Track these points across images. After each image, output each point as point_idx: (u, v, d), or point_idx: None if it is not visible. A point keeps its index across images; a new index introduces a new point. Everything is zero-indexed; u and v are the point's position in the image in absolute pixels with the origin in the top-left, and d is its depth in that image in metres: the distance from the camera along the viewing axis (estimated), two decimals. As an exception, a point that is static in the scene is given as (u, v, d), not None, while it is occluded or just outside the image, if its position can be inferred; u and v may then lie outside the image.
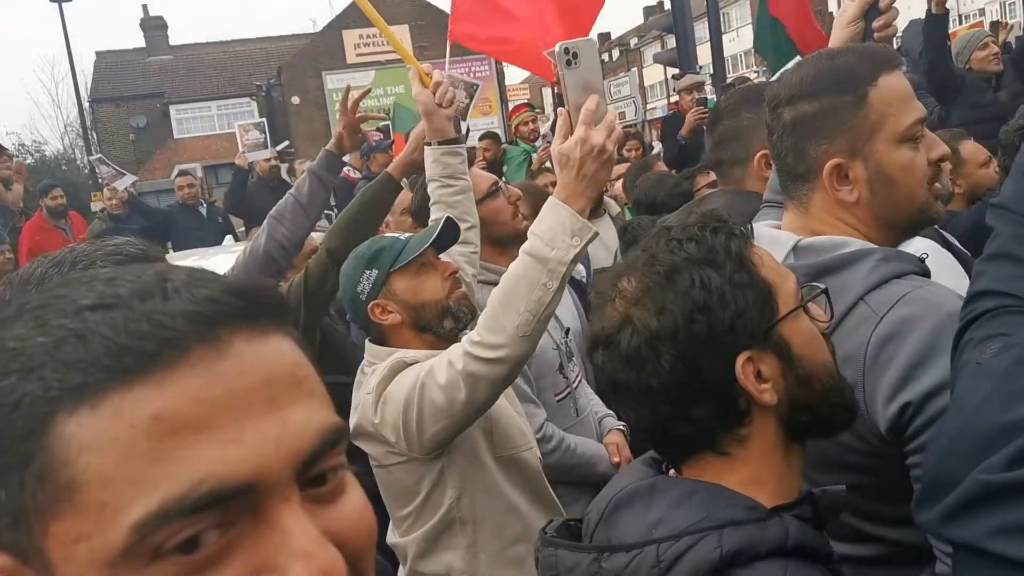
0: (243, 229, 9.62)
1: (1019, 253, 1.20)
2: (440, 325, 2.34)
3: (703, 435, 1.24)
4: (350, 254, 2.43)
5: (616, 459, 2.94)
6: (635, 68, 48.90)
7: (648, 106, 45.56)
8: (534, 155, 8.10)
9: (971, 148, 3.73)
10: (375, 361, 2.29)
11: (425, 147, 2.80)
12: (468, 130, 8.55)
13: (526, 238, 3.08)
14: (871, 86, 1.56)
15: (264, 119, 9.52)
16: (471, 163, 8.24)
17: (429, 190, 2.79)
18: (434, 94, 2.75)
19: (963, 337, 1.22)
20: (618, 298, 1.26)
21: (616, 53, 67.71)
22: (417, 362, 2.18)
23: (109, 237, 1.53)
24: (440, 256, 2.45)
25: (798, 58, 2.24)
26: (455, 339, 2.29)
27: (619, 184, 6.12)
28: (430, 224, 2.54)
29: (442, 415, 2.06)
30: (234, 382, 0.58)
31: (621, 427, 3.04)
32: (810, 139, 1.59)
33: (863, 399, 1.44)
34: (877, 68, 1.57)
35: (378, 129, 20.16)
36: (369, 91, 4.64)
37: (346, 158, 11.84)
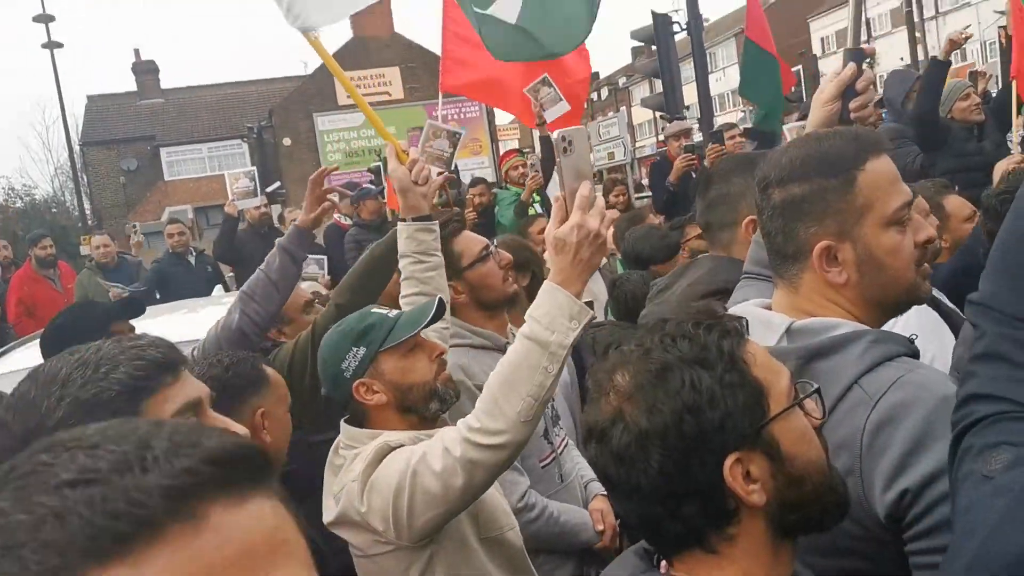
0: (231, 275, 9.59)
1: (1009, 354, 1.19)
2: (426, 407, 2.26)
3: (692, 533, 1.24)
4: (332, 329, 2.34)
5: (600, 527, 2.90)
6: (624, 107, 49.43)
7: (636, 144, 45.89)
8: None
9: (956, 203, 3.75)
10: (354, 444, 2.21)
11: (399, 223, 2.79)
12: (457, 168, 8.60)
13: (515, 303, 3.10)
14: (859, 170, 1.57)
15: (254, 167, 9.48)
16: (462, 208, 8.30)
17: (401, 265, 2.77)
18: (410, 171, 2.76)
19: (961, 443, 1.20)
20: (612, 392, 1.27)
21: (605, 92, 68.42)
22: (402, 445, 2.11)
23: (136, 338, 1.55)
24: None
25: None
26: (438, 421, 2.27)
27: (609, 234, 6.13)
28: (420, 304, 2.49)
29: (437, 502, 2.00)
30: (212, 556, 0.58)
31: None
32: (799, 221, 1.60)
33: (860, 485, 1.43)
34: (864, 152, 1.59)
35: (369, 170, 20.29)
36: (337, 168, 4.96)
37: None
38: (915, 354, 1.56)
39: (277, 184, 21.05)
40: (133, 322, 3.31)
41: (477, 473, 1.96)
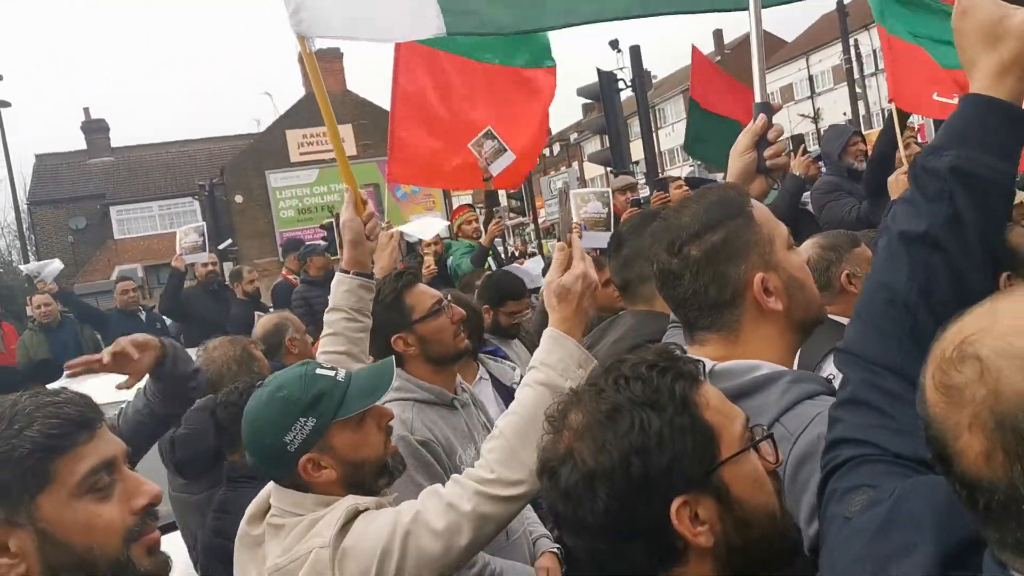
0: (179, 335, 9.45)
1: (872, 400, 1.25)
2: (375, 483, 2.07)
3: (638, 572, 1.25)
4: (267, 394, 2.04)
5: None
6: (575, 162, 50.11)
7: (589, 198, 46.25)
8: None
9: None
10: (296, 512, 1.98)
11: (338, 274, 2.74)
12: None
13: (464, 358, 3.10)
14: (749, 207, 1.69)
15: (203, 223, 9.46)
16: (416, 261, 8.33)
17: (330, 319, 2.69)
18: (364, 224, 2.74)
19: (827, 486, 1.25)
20: (565, 430, 1.28)
21: (556, 148, 69.32)
22: (369, 509, 1.95)
23: (55, 393, 1.53)
24: None
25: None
26: (383, 495, 2.10)
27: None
28: (372, 367, 2.33)
29: (432, 565, 1.86)
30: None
31: (555, 549, 2.97)
32: (728, 264, 1.66)
33: (784, 518, 1.46)
34: (743, 194, 1.74)
35: (321, 226, 20.20)
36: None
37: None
38: (832, 392, 1.62)
39: (229, 241, 20.88)
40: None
41: (487, 528, 1.87)
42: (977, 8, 1.22)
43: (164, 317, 9.08)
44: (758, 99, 2.39)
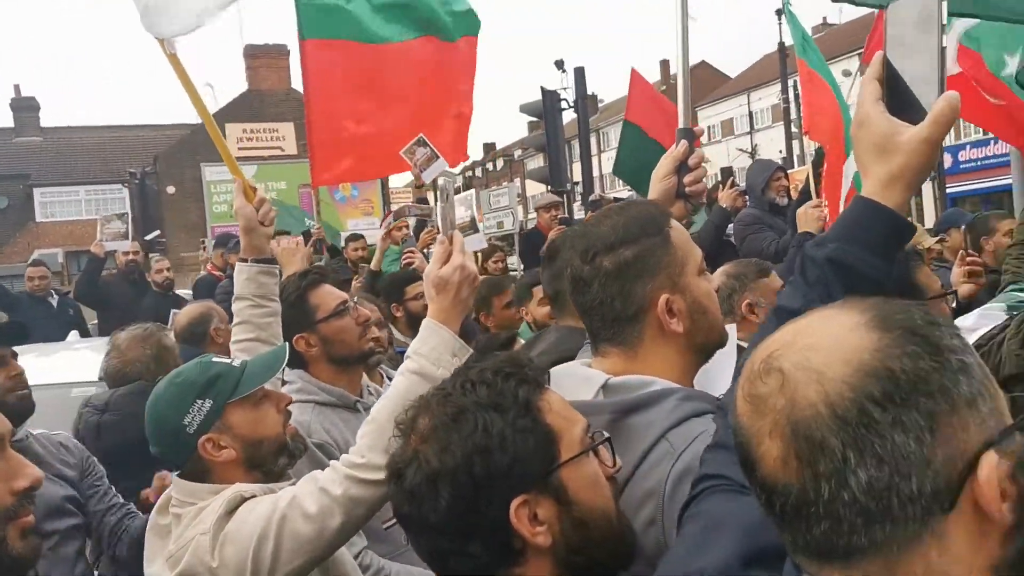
0: (95, 323, 9.20)
1: (731, 443, 1.33)
2: (275, 462, 2.15)
3: (479, 570, 1.29)
4: (165, 382, 2.15)
5: None
6: (517, 178, 50.37)
7: (529, 215, 46.72)
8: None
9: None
10: (191, 500, 2.04)
11: (238, 263, 2.74)
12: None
13: (368, 360, 3.09)
14: (668, 228, 1.72)
15: (128, 212, 9.25)
16: (344, 264, 8.27)
17: (236, 308, 2.70)
18: (257, 210, 2.73)
19: (685, 513, 1.34)
20: (413, 433, 1.33)
21: (500, 163, 69.66)
22: (255, 496, 2.00)
23: None
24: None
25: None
26: (284, 477, 2.17)
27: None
28: (265, 352, 2.40)
29: (307, 548, 1.90)
30: None
31: None
32: (636, 280, 1.68)
33: (662, 532, 1.49)
34: (664, 214, 1.76)
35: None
36: None
37: (209, 253, 11.52)
38: (723, 411, 1.66)
39: (157, 232, 20.44)
40: None
41: (358, 511, 1.92)
42: (872, 122, 1.34)
43: (78, 303, 8.82)
44: (681, 124, 2.44)
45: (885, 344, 0.88)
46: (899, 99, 1.35)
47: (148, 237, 17.82)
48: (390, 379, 3.75)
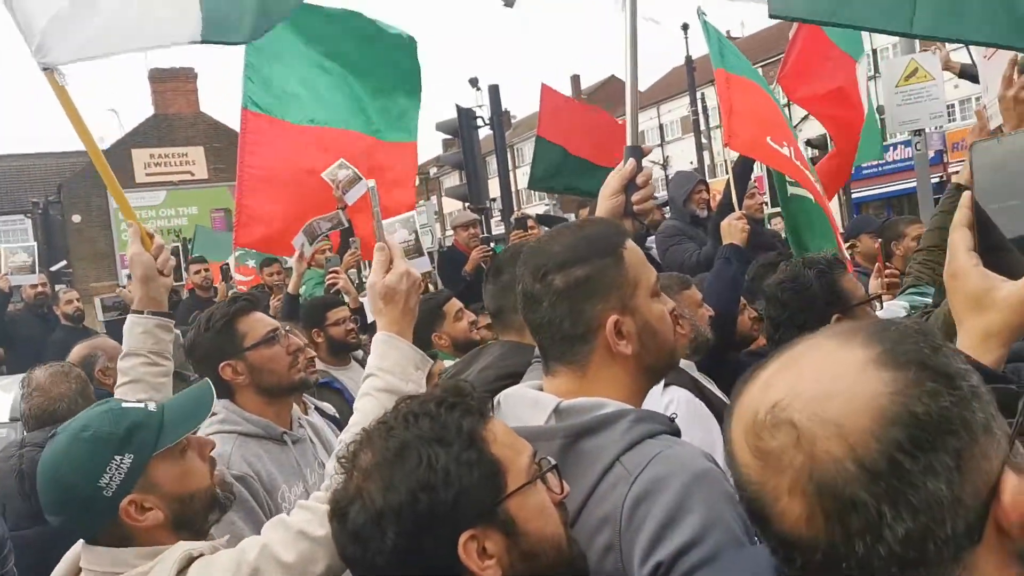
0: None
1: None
2: (206, 519, 1.91)
3: None
4: (68, 438, 1.82)
5: None
6: (434, 196, 50.30)
7: (446, 232, 46.69)
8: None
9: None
10: (116, 571, 1.77)
11: (131, 316, 2.57)
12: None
13: (297, 391, 2.99)
14: (623, 248, 1.70)
15: (34, 243, 8.89)
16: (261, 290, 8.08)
17: (125, 365, 2.52)
18: (155, 258, 2.59)
19: None
20: (355, 470, 1.29)
21: (416, 181, 69.42)
22: (203, 555, 1.77)
23: None
24: None
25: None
26: (208, 535, 1.94)
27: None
28: (186, 391, 2.13)
29: None
30: None
31: None
32: (586, 300, 1.66)
33: (620, 559, 1.47)
34: (620, 234, 1.75)
35: (173, 254, 19.23)
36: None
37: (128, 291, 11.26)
38: (676, 432, 1.66)
39: (63, 263, 19.68)
40: None
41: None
42: (967, 276, 1.32)
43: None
44: (629, 142, 2.45)
45: (902, 385, 0.84)
46: (989, 240, 1.32)
47: (54, 268, 17.15)
48: (317, 409, 3.68)
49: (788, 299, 3.02)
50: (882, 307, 3.79)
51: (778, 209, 7.54)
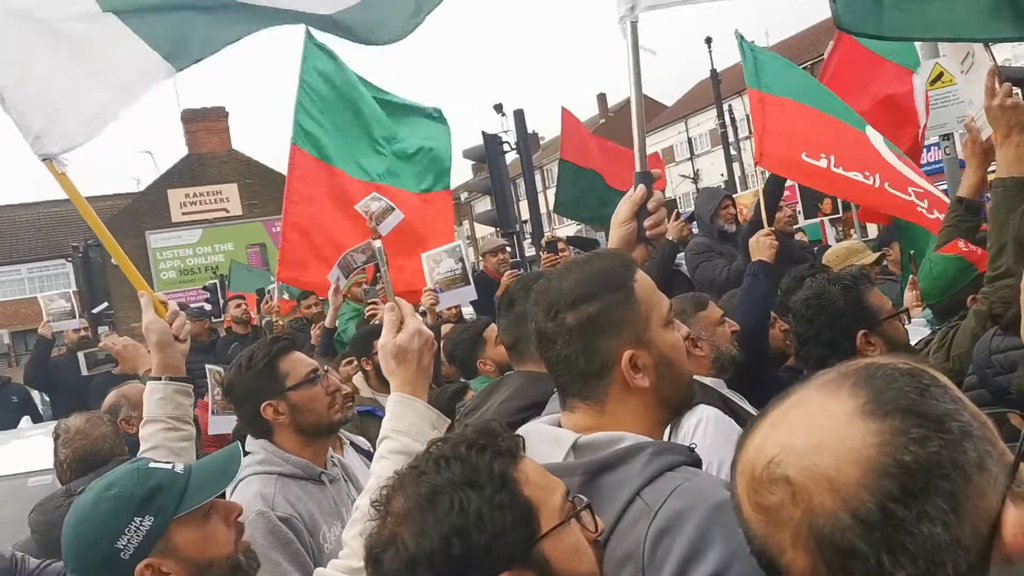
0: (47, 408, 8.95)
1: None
2: None
3: None
4: (94, 495, 1.82)
5: None
6: (466, 221, 50.52)
7: (478, 258, 46.75)
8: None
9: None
10: None
11: (149, 382, 2.57)
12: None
13: (335, 430, 3.01)
14: (633, 281, 1.69)
15: (71, 289, 9.08)
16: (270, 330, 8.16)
17: (146, 432, 2.50)
18: (170, 324, 2.60)
19: None
20: (388, 516, 1.28)
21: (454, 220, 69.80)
22: None
23: None
24: None
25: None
26: None
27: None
28: (215, 454, 2.11)
29: None
30: None
31: None
32: (599, 337, 1.66)
33: (646, 596, 1.46)
34: (629, 267, 1.73)
35: (204, 288, 19.49)
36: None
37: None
38: (696, 462, 1.64)
39: (104, 305, 19.96)
40: None
41: None
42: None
43: (25, 388, 8.58)
44: (638, 168, 2.44)
45: (889, 436, 0.85)
46: None
47: (96, 311, 17.44)
48: (352, 444, 3.70)
49: (814, 316, 2.98)
50: (910, 320, 3.74)
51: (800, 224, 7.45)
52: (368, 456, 3.59)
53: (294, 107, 6.18)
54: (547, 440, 1.66)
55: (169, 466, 1.90)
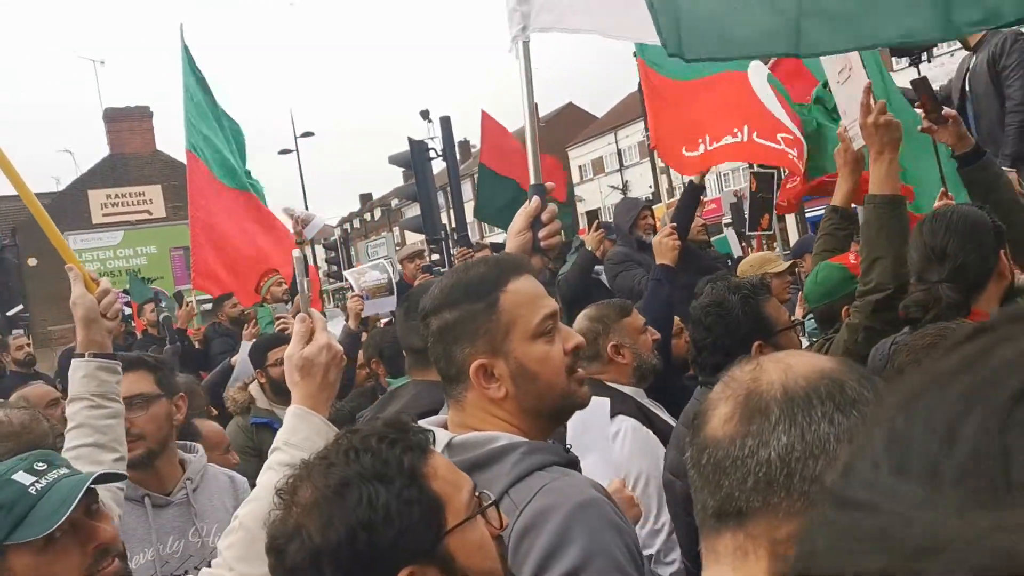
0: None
1: None
2: None
3: None
4: None
5: None
6: (396, 228, 50.26)
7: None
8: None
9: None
10: None
11: (74, 360, 2.52)
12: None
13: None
14: (501, 291, 1.71)
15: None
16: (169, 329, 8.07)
17: (71, 411, 2.45)
18: (99, 301, 2.55)
19: None
20: (294, 506, 1.28)
21: (378, 213, 69.31)
22: None
23: None
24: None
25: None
26: None
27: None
28: (74, 475, 1.89)
29: None
30: None
31: None
32: (455, 344, 1.71)
33: (507, 591, 1.50)
34: (506, 275, 1.74)
35: (125, 291, 19.05)
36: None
37: None
38: (571, 462, 1.69)
39: (19, 307, 19.37)
40: None
41: None
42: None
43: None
44: (532, 181, 2.50)
45: (845, 370, 1.09)
46: None
47: (10, 313, 16.85)
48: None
49: (712, 323, 2.98)
50: (805, 332, 3.86)
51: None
52: None
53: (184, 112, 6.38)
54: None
55: (31, 480, 1.77)
